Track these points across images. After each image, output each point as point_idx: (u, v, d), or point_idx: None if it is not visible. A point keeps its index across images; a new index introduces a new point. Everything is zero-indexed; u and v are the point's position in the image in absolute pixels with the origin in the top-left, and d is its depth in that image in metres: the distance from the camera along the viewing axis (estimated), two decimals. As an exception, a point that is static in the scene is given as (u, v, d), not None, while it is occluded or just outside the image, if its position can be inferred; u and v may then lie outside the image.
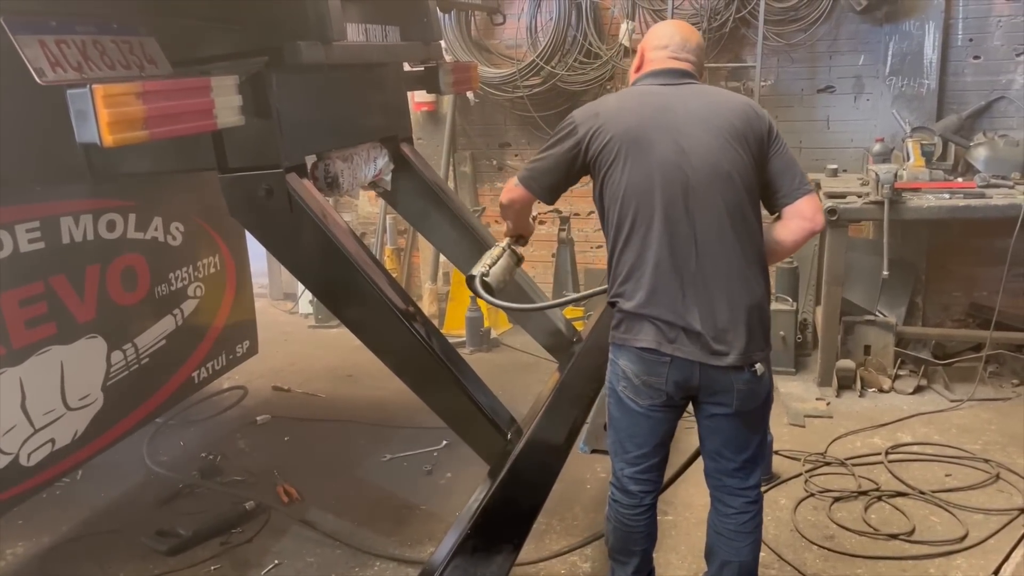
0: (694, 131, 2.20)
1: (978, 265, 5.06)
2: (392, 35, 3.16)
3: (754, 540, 2.43)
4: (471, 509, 2.36)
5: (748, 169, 2.21)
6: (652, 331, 2.20)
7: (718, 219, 2.17)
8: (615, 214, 2.24)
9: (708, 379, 2.21)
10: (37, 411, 3.16)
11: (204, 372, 4.26)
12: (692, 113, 2.23)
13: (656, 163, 2.17)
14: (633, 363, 2.26)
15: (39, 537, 3.39)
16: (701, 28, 5.13)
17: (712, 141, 2.19)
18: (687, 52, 2.35)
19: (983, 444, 3.86)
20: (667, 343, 2.19)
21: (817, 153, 5.30)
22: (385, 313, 2.61)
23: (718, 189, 2.17)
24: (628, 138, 2.19)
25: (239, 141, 2.46)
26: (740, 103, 2.30)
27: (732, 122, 2.22)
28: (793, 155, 2.32)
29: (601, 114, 2.26)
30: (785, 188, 2.27)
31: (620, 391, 2.33)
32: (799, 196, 2.26)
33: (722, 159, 2.18)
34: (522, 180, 2.40)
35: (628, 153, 2.19)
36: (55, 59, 2.00)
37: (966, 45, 4.93)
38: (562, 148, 2.29)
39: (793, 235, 2.29)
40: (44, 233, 3.14)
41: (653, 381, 2.24)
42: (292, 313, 6.50)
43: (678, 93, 2.28)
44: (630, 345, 2.25)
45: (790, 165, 2.28)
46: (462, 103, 5.98)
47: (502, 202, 2.53)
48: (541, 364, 4.72)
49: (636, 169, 2.18)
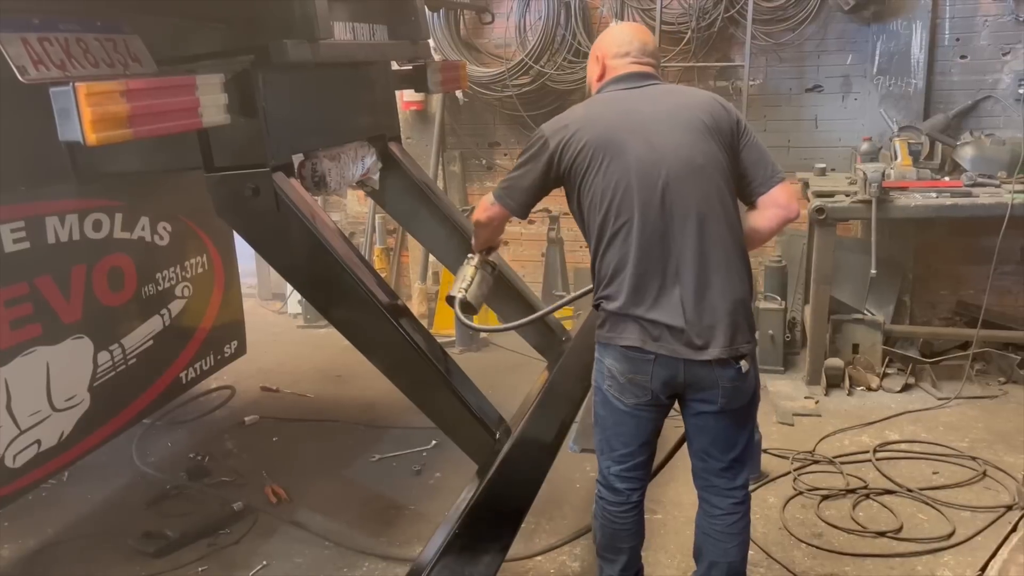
0: (665, 129, 2.22)
1: (965, 264, 5.08)
2: (380, 34, 3.15)
3: (742, 541, 2.43)
4: (459, 508, 2.36)
5: (722, 162, 2.23)
6: (636, 330, 2.21)
7: (697, 214, 2.18)
8: (595, 219, 2.25)
9: (693, 376, 2.22)
10: (22, 412, 3.13)
11: (192, 373, 4.24)
12: (661, 112, 2.25)
13: (631, 165, 2.18)
14: (618, 362, 2.26)
15: (25, 539, 3.37)
16: (690, 27, 5.15)
17: (684, 137, 2.21)
18: (647, 56, 2.39)
19: (970, 442, 3.88)
20: (651, 341, 2.19)
21: (805, 152, 5.31)
22: (373, 313, 2.60)
23: (695, 184, 2.19)
24: (600, 144, 2.20)
25: (225, 140, 2.45)
26: (707, 98, 2.32)
27: (701, 118, 2.24)
28: (763, 144, 2.34)
29: (570, 125, 2.26)
30: (759, 178, 2.29)
31: (606, 390, 2.34)
32: (773, 185, 2.29)
33: (696, 154, 2.20)
34: (498, 198, 2.42)
35: (602, 158, 2.20)
36: (38, 57, 1.99)
37: (953, 44, 4.95)
38: (535, 164, 2.30)
39: (769, 223, 2.32)
40: (29, 233, 3.11)
41: (638, 379, 2.24)
42: (281, 313, 6.47)
43: (644, 94, 2.31)
44: (615, 344, 2.26)
45: (762, 155, 2.30)
46: (451, 102, 5.97)
47: (479, 220, 2.56)
48: (530, 364, 4.71)
49: (612, 173, 2.19)
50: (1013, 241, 4.73)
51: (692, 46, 5.23)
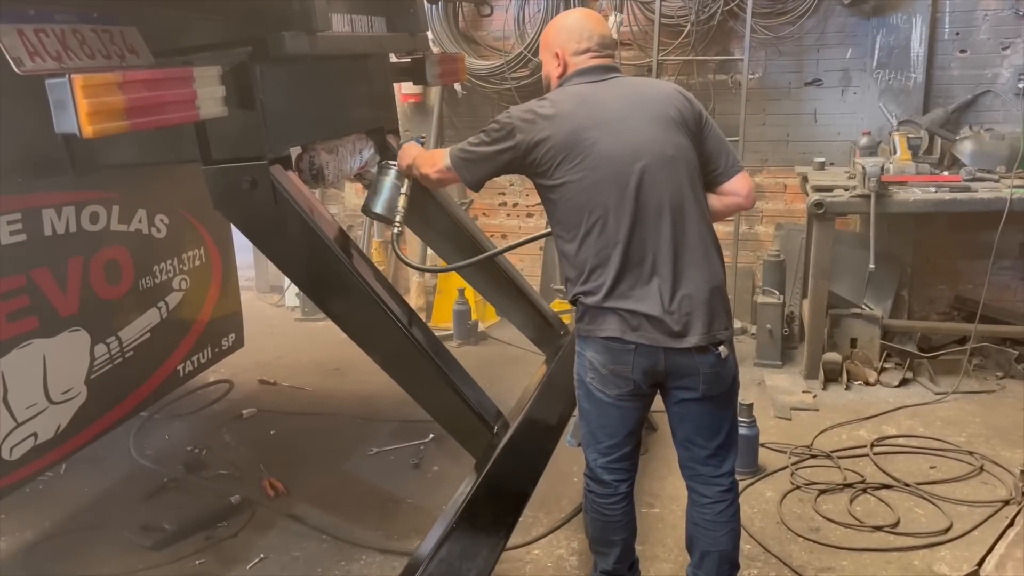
0: (635, 124, 2.23)
1: (963, 258, 5.09)
2: (378, 26, 3.13)
3: (732, 529, 2.44)
4: (457, 502, 2.36)
5: (690, 152, 2.26)
6: (616, 320, 2.22)
7: (671, 206, 2.21)
8: (568, 216, 2.26)
9: (673, 364, 2.24)
10: (19, 405, 3.12)
11: (189, 365, 4.23)
12: (627, 105, 2.27)
13: (602, 160, 2.19)
14: (599, 353, 2.28)
15: (22, 532, 3.36)
16: (689, 20, 5.13)
17: (654, 131, 2.23)
18: (606, 48, 2.40)
19: (967, 436, 3.88)
20: (631, 331, 2.21)
21: (804, 146, 5.30)
22: (371, 307, 2.59)
23: (667, 176, 2.21)
24: (569, 142, 2.21)
25: (222, 133, 2.44)
26: (671, 91, 2.35)
27: (666, 109, 2.27)
28: (722, 134, 2.38)
29: (537, 121, 2.25)
30: (722, 167, 2.34)
31: (588, 382, 2.35)
32: (734, 174, 2.35)
33: (665, 145, 2.22)
34: (455, 166, 2.43)
35: (572, 155, 2.20)
36: (33, 48, 1.98)
37: (953, 39, 4.95)
38: (498, 151, 2.30)
39: (725, 207, 2.38)
40: (26, 225, 3.10)
41: (620, 370, 2.26)
42: (278, 306, 6.47)
43: (610, 88, 2.32)
44: (595, 336, 2.27)
45: (723, 144, 2.36)
46: (449, 95, 5.95)
47: (428, 175, 2.60)
48: (528, 357, 4.71)
49: (583, 169, 2.20)
50: (1011, 236, 4.74)
51: (691, 39, 5.22)
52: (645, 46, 5.41)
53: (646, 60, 5.36)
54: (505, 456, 2.55)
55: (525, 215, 6.06)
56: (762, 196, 5.45)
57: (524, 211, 6.07)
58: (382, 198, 2.90)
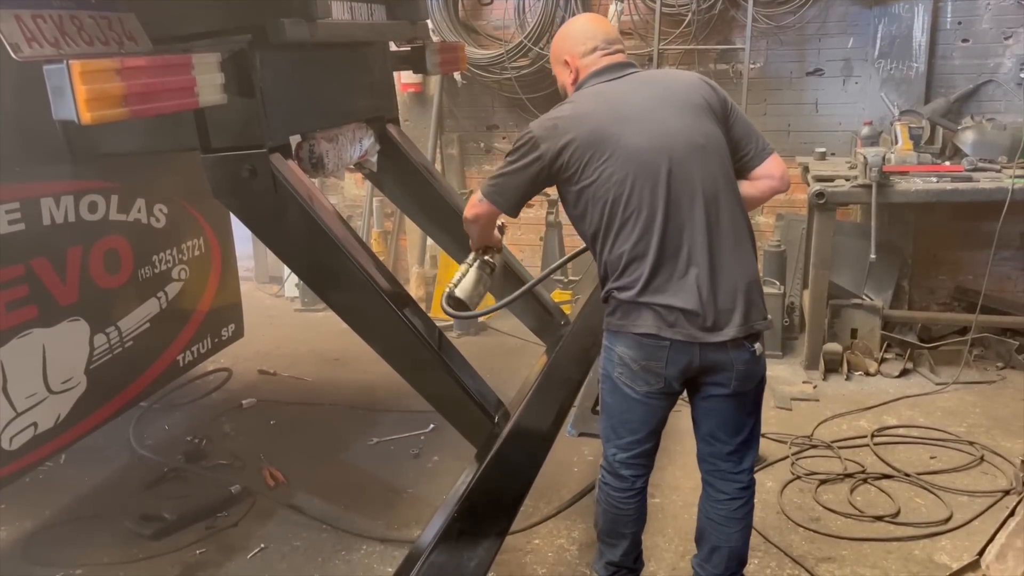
0: (661, 115, 2.20)
1: (964, 249, 5.08)
2: (378, 14, 3.11)
3: (745, 526, 2.44)
4: (458, 492, 2.35)
5: (719, 139, 2.23)
6: (651, 316, 2.19)
7: (704, 195, 2.17)
8: (597, 214, 2.22)
9: (708, 360, 2.21)
10: (19, 395, 3.11)
11: (189, 355, 4.22)
12: (650, 97, 2.23)
13: (631, 155, 2.16)
14: (631, 349, 2.24)
15: (22, 522, 3.37)
16: (690, 9, 5.10)
17: (682, 120, 2.20)
18: (615, 44, 2.36)
19: (968, 427, 3.88)
20: (667, 327, 2.17)
21: (805, 136, 5.28)
22: (372, 297, 2.59)
23: (699, 165, 2.18)
24: (594, 140, 2.17)
25: (222, 120, 2.42)
26: (694, 79, 2.32)
27: (691, 98, 2.24)
28: (748, 119, 2.35)
29: (559, 125, 2.22)
30: (752, 151, 2.31)
31: (616, 377, 2.31)
32: (766, 157, 2.32)
33: (695, 134, 2.19)
34: (487, 196, 2.37)
35: (599, 153, 2.17)
36: (31, 34, 1.96)
37: (955, 28, 4.92)
38: (525, 165, 2.26)
39: (762, 193, 2.34)
40: (24, 215, 3.08)
41: (653, 366, 2.23)
42: (278, 296, 6.46)
43: (631, 83, 2.29)
44: (628, 331, 2.23)
45: (750, 129, 2.33)
46: (449, 84, 5.93)
47: (467, 217, 2.50)
48: (529, 347, 4.71)
49: (610, 166, 2.17)
50: (1013, 226, 4.73)
51: (693, 29, 5.20)
52: (646, 35, 5.38)
53: (647, 50, 5.33)
54: (506, 446, 2.54)
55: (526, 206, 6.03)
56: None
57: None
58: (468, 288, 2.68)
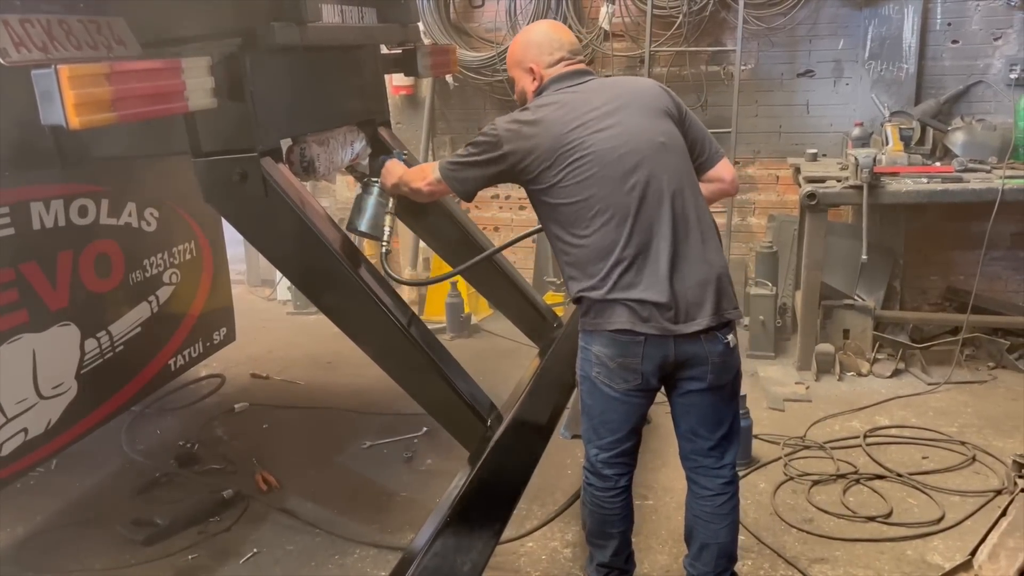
0: (621, 116, 2.26)
1: (955, 249, 5.10)
2: (369, 17, 3.10)
3: (732, 522, 2.45)
4: (451, 496, 2.35)
5: (679, 139, 2.32)
6: (625, 312, 2.21)
7: (669, 193, 2.22)
8: (568, 216, 2.26)
9: (684, 354, 2.24)
10: (9, 400, 3.10)
11: (181, 360, 4.21)
12: (612, 100, 2.29)
13: (595, 155, 2.21)
14: (607, 347, 2.26)
15: (13, 527, 3.34)
16: (681, 11, 5.11)
17: (640, 120, 2.27)
18: (576, 54, 2.46)
19: (959, 427, 3.89)
20: (641, 322, 2.20)
21: (796, 137, 5.30)
22: (364, 300, 2.58)
23: (662, 164, 2.24)
24: (559, 144, 2.22)
25: (212, 125, 2.41)
26: (651, 84, 2.42)
27: (649, 102, 2.32)
28: (702, 123, 2.45)
29: (524, 131, 2.26)
30: (705, 153, 2.41)
31: (594, 377, 2.34)
32: (717, 160, 2.43)
33: (658, 135, 2.26)
34: (447, 178, 2.45)
35: (563, 157, 2.22)
36: (19, 39, 1.95)
37: (944, 29, 4.94)
38: (486, 161, 2.33)
39: (711, 194, 2.44)
40: (14, 219, 3.07)
41: (629, 363, 2.25)
42: (270, 300, 6.44)
43: (591, 88, 2.36)
44: (603, 329, 2.26)
45: (704, 133, 2.43)
46: (441, 87, 5.92)
47: (420, 189, 2.60)
48: (522, 350, 4.70)
49: (576, 167, 2.21)
50: (1003, 226, 4.76)
51: (683, 30, 5.20)
52: (637, 37, 5.39)
53: (638, 51, 5.34)
54: (499, 449, 2.53)
55: (518, 208, 6.04)
56: (754, 187, 5.46)
57: (516, 204, 6.05)
58: (367, 216, 2.92)
